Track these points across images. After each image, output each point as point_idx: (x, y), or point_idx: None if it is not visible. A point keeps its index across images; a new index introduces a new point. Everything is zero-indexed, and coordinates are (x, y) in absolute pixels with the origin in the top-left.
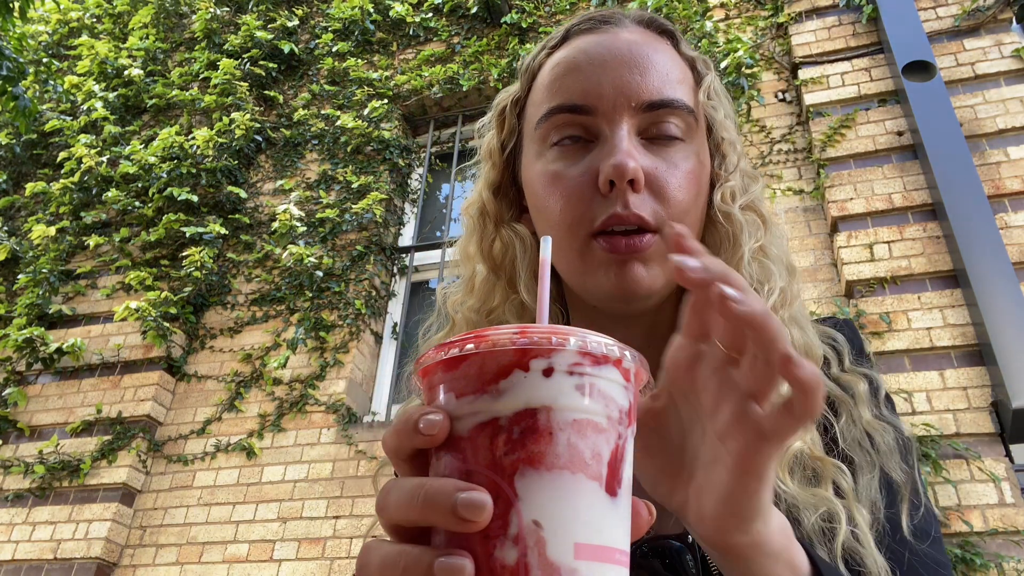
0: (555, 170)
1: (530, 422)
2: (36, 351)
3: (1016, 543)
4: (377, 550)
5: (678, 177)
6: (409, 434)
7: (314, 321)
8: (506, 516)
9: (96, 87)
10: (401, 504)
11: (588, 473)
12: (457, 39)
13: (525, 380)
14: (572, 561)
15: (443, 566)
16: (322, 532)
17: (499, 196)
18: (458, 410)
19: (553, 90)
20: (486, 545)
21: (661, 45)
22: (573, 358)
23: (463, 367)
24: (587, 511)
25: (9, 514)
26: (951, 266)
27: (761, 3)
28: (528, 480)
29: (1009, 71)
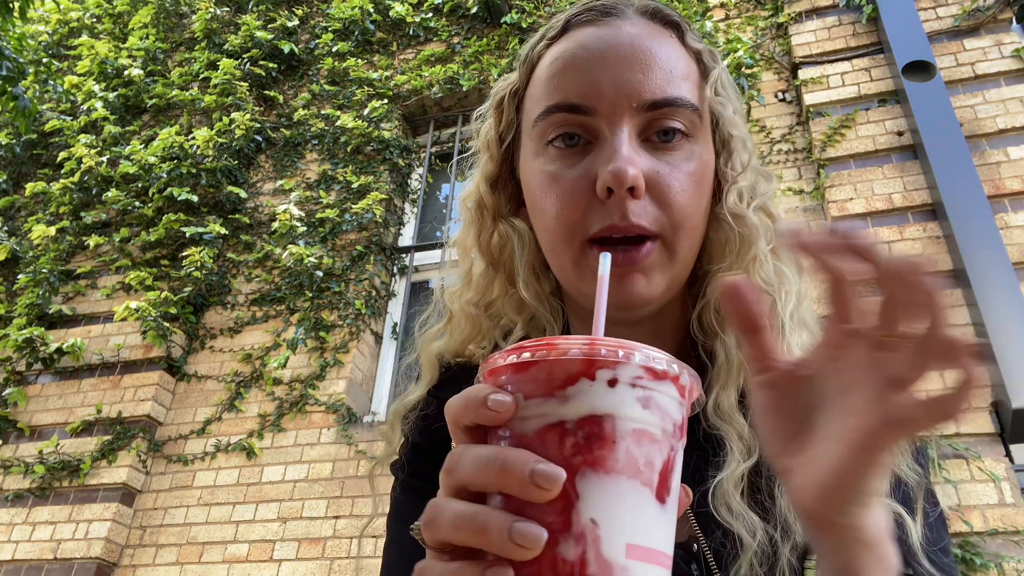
0: (552, 171)
1: (594, 428)
2: (36, 351)
3: (1016, 543)
4: (448, 507)
5: (681, 180)
6: (476, 407)
7: (314, 321)
8: (568, 513)
9: (96, 87)
10: (477, 466)
11: (642, 480)
12: (457, 39)
13: (591, 388)
14: (623, 560)
15: (521, 530)
16: (322, 532)
17: (497, 190)
18: (525, 411)
19: (551, 87)
20: (549, 539)
21: (665, 38)
22: (636, 372)
23: (532, 371)
24: (639, 514)
25: (9, 514)
26: (951, 266)
27: (761, 3)
28: (588, 481)
29: (1009, 71)
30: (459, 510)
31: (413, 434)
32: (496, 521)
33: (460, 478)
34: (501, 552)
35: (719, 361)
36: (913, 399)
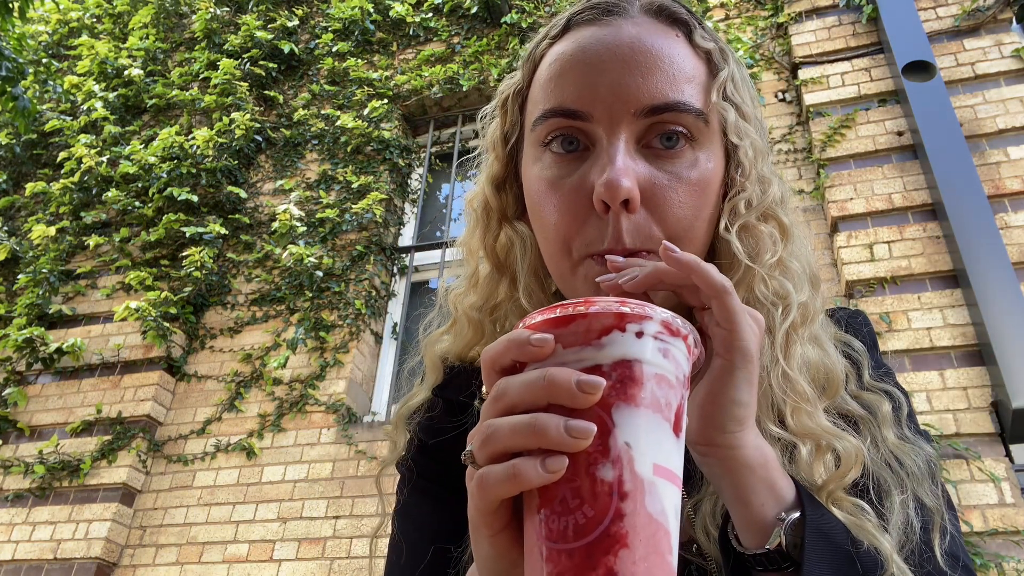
0: (549, 177)
1: (626, 370)
2: (36, 351)
3: (1016, 543)
4: (505, 421)
5: (680, 192)
6: (519, 346)
7: (314, 321)
8: (606, 438)
9: (96, 87)
10: (525, 386)
11: (663, 415)
12: (457, 39)
13: (622, 338)
14: (652, 476)
15: (574, 424)
16: (322, 532)
17: (502, 191)
18: (565, 357)
19: (548, 90)
20: (589, 466)
21: (671, 38)
22: (658, 327)
23: (572, 325)
24: (662, 441)
25: (9, 514)
26: (951, 266)
27: (761, 3)
28: (622, 413)
29: (1009, 71)
30: (515, 420)
31: (419, 434)
32: (552, 420)
33: (509, 399)
34: (559, 446)
35: None
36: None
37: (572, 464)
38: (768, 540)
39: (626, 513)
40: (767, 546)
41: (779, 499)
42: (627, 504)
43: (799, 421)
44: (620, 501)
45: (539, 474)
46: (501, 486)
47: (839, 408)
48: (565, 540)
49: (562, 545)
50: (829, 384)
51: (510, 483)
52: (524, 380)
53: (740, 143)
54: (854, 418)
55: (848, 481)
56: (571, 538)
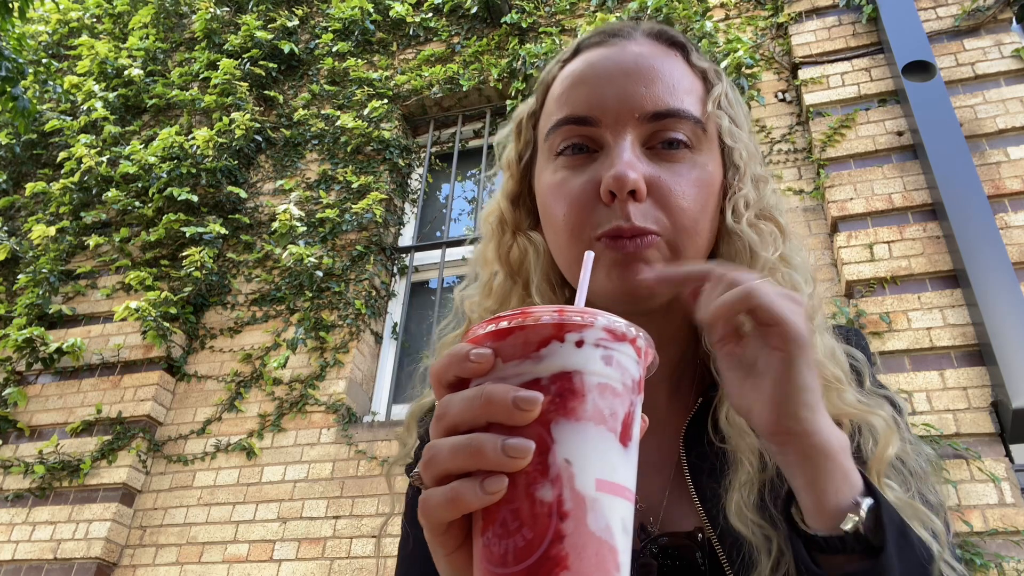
0: (560, 179)
1: (565, 382)
2: (36, 351)
3: (1016, 543)
4: (445, 442)
5: (682, 185)
6: (459, 362)
7: (314, 321)
8: (545, 456)
9: (96, 87)
10: (465, 404)
11: (607, 426)
12: (457, 39)
13: (561, 349)
14: (594, 492)
15: (512, 443)
16: (322, 532)
17: (516, 206)
18: (504, 371)
19: (561, 103)
20: (528, 486)
21: (670, 57)
22: (600, 334)
23: (510, 337)
24: (605, 455)
25: (9, 514)
26: (951, 266)
27: (761, 3)
28: (562, 428)
29: (1009, 71)
30: (455, 441)
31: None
32: (489, 441)
33: (450, 419)
34: (497, 466)
35: None
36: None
37: (512, 485)
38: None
39: (566, 534)
40: (843, 527)
41: (852, 485)
42: (567, 524)
43: (832, 402)
44: (560, 521)
45: (478, 496)
46: (442, 510)
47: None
48: (505, 564)
49: (502, 570)
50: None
51: (450, 506)
52: (464, 398)
53: (734, 146)
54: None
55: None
56: (511, 562)
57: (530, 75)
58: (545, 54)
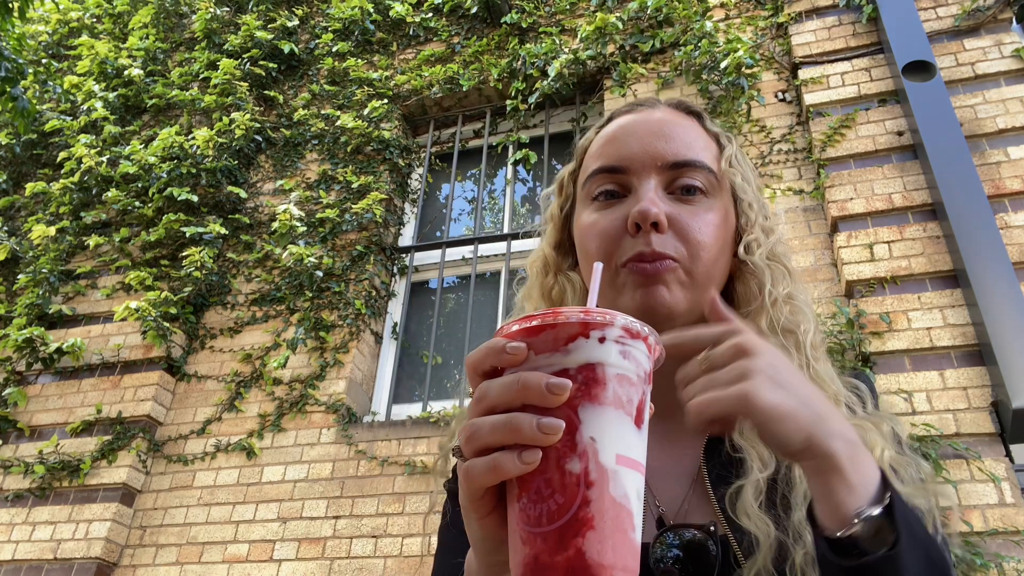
0: (595, 219)
1: (590, 372)
2: (36, 351)
3: (1016, 543)
4: (484, 420)
5: (699, 222)
6: (497, 353)
7: (314, 321)
8: (573, 435)
9: (96, 87)
10: (503, 389)
11: (624, 410)
12: (457, 39)
13: (586, 344)
14: (614, 465)
15: (546, 421)
16: (322, 532)
17: (558, 251)
18: (536, 363)
19: (595, 157)
20: (559, 459)
21: (688, 122)
22: (619, 332)
23: (543, 334)
24: (623, 434)
25: (9, 514)
26: (951, 266)
27: (761, 3)
28: (587, 411)
29: (1009, 71)
30: (495, 419)
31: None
32: (526, 419)
33: (490, 401)
34: (532, 441)
35: None
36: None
37: (544, 458)
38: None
39: (592, 499)
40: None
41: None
42: (593, 491)
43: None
44: (586, 489)
45: (516, 465)
46: (483, 476)
47: None
48: (540, 525)
49: (537, 529)
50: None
51: (491, 474)
52: (502, 383)
53: (744, 198)
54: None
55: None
56: (545, 523)
57: (530, 75)
58: (545, 54)
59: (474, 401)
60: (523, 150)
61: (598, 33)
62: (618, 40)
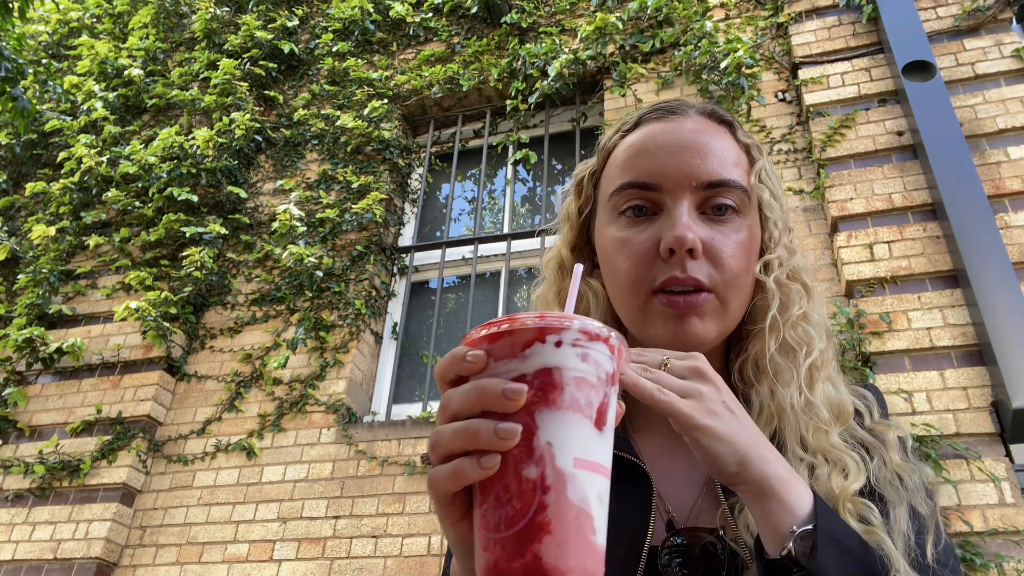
0: (624, 236)
1: (546, 377)
2: (36, 351)
3: (1016, 543)
4: (448, 427)
5: (731, 247)
6: (458, 362)
7: (314, 321)
8: (529, 441)
9: (96, 87)
10: (464, 396)
11: (583, 413)
12: (457, 39)
13: (542, 349)
14: (572, 468)
15: (503, 426)
16: (322, 532)
17: (575, 254)
18: (496, 369)
19: (625, 168)
20: (516, 465)
21: (720, 133)
22: (576, 335)
23: (501, 340)
24: (583, 438)
25: (9, 514)
26: (951, 266)
27: (761, 3)
28: (544, 416)
29: (1009, 71)
30: (455, 426)
31: None
32: (484, 425)
33: (452, 409)
34: (490, 446)
35: (754, 408)
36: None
37: (503, 464)
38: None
39: (549, 504)
40: (780, 553)
41: (794, 515)
42: (550, 496)
43: (818, 440)
44: (543, 494)
45: (476, 471)
46: (446, 483)
47: (855, 436)
48: (499, 531)
49: (496, 535)
50: (841, 414)
51: (452, 480)
52: (463, 391)
53: (771, 216)
54: (866, 444)
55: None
56: (503, 529)
57: (530, 75)
58: (545, 54)
59: (440, 409)
60: (523, 150)
61: (598, 33)
62: (618, 40)
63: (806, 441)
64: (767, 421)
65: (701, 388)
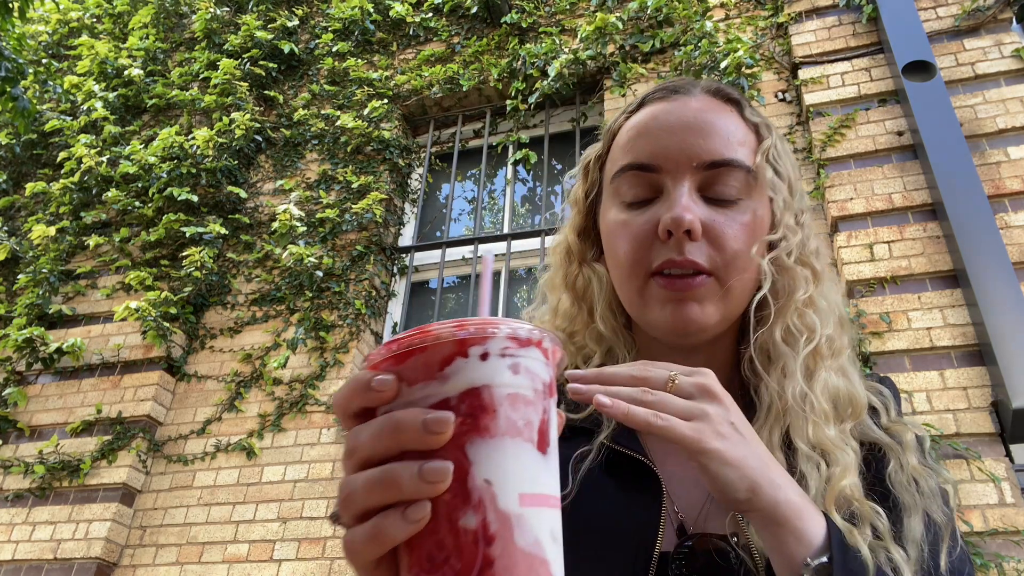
0: (623, 219)
1: (474, 399)
2: (36, 351)
3: (1016, 543)
4: (358, 477)
5: (734, 228)
6: (362, 391)
7: (314, 321)
8: (464, 481)
9: (96, 87)
10: (373, 434)
11: (523, 437)
12: (457, 39)
13: (466, 364)
14: (518, 508)
15: (429, 467)
16: (322, 532)
17: (582, 238)
18: (410, 395)
19: (627, 150)
20: (450, 514)
21: (726, 112)
22: (504, 343)
23: (411, 360)
24: (525, 467)
25: (9, 514)
26: (951, 266)
27: (761, 3)
28: (477, 447)
29: (1009, 71)
30: (368, 475)
31: None
32: (405, 469)
33: (362, 453)
34: (416, 495)
35: (764, 402)
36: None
37: (434, 515)
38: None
39: (495, 557)
40: None
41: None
42: (495, 547)
43: (815, 434)
44: (487, 547)
45: (401, 527)
46: (367, 549)
47: (869, 437)
48: None
49: None
50: (853, 408)
51: (374, 543)
52: (372, 429)
53: (774, 196)
54: (882, 445)
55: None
56: None
57: (530, 75)
58: (545, 54)
59: (345, 454)
60: (523, 150)
61: (598, 33)
62: (618, 40)
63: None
64: (776, 418)
65: (707, 408)
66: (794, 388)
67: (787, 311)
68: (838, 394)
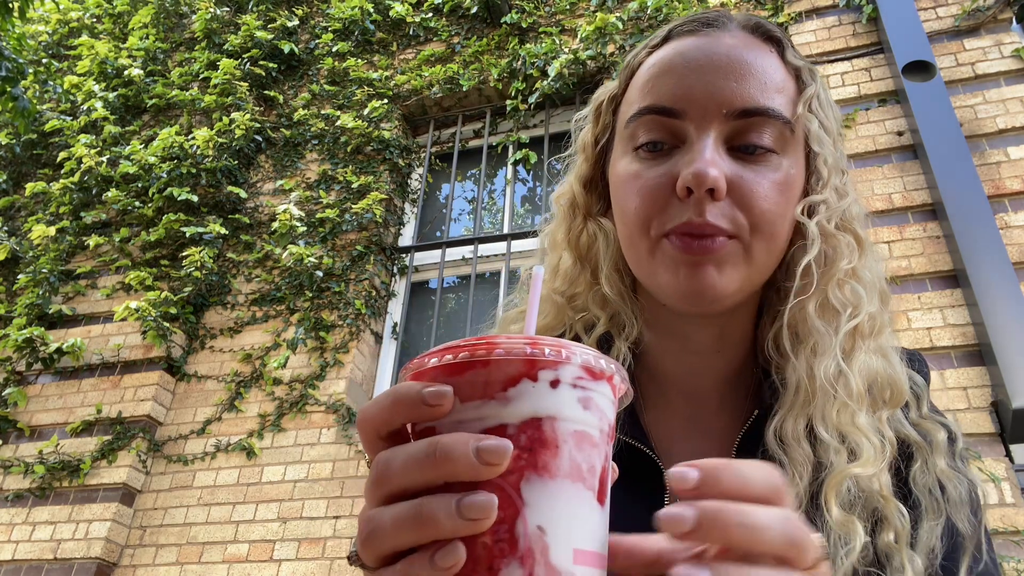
0: (636, 170)
1: (537, 431)
2: (36, 351)
3: (1016, 543)
4: (386, 512)
5: (764, 187)
6: (410, 405)
7: (314, 321)
8: (513, 523)
9: (96, 87)
10: (413, 462)
11: (586, 484)
12: (457, 39)
13: (533, 390)
14: (571, 566)
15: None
16: (322, 532)
17: (588, 190)
18: (461, 414)
19: (646, 90)
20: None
21: (765, 52)
22: (577, 372)
23: (470, 373)
24: (584, 519)
25: (9, 514)
26: (951, 266)
27: (761, 3)
28: (533, 487)
29: (1009, 71)
30: (398, 510)
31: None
32: (442, 504)
33: (394, 484)
34: (455, 533)
35: (790, 386)
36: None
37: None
38: None
39: None
40: None
41: None
42: None
43: (841, 418)
44: None
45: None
46: None
47: (899, 432)
48: None
49: None
50: (893, 393)
51: None
52: (410, 454)
53: (820, 151)
54: (910, 442)
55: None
56: None
57: (530, 75)
58: (545, 54)
59: (372, 484)
60: (523, 150)
61: (598, 33)
62: (618, 40)
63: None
64: (805, 402)
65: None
66: (827, 368)
67: (828, 282)
68: (876, 377)
